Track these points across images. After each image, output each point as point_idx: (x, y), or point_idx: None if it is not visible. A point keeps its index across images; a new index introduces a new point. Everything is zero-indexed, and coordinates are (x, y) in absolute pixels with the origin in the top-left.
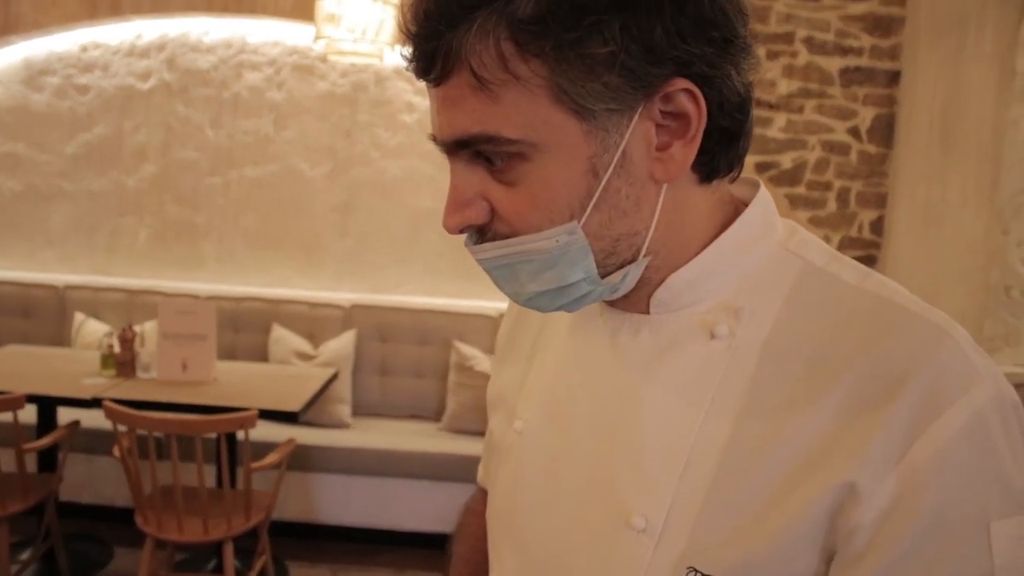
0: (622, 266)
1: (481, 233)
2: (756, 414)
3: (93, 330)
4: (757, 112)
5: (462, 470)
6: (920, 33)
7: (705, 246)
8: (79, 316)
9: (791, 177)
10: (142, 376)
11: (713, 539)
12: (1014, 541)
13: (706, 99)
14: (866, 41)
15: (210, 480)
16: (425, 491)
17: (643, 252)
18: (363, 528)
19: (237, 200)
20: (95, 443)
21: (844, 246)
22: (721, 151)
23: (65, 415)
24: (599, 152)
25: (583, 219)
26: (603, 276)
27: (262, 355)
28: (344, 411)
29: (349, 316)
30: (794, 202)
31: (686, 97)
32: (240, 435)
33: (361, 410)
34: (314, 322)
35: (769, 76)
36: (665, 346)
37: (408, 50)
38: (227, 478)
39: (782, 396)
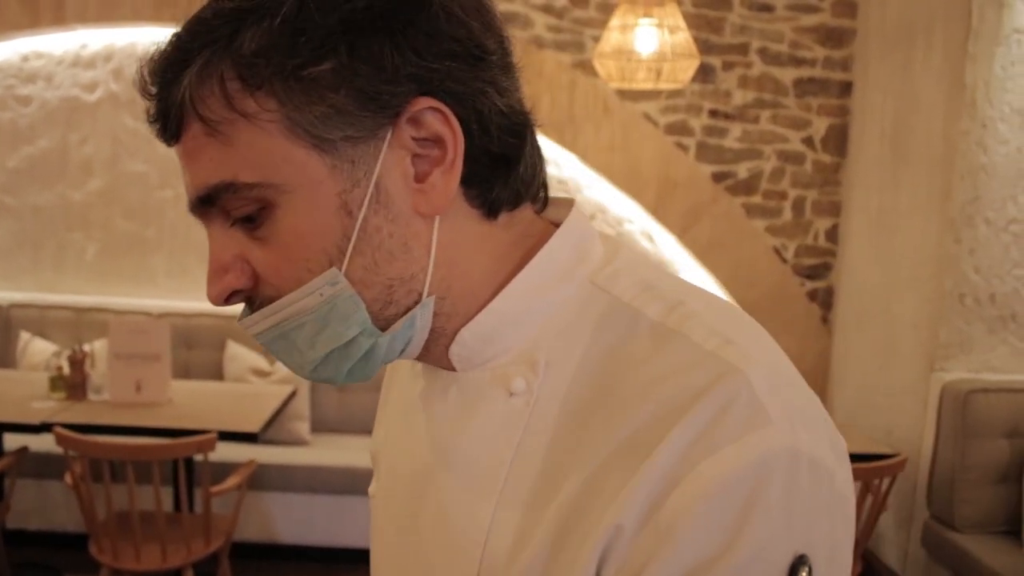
0: (405, 313)
1: (251, 303)
2: (552, 473)
3: (40, 350)
4: (713, 122)
5: None
6: (870, 45)
7: (500, 289)
8: (24, 335)
9: (747, 187)
10: (94, 398)
11: None
12: None
13: (460, 119)
14: (819, 52)
15: (167, 504)
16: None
17: (424, 295)
18: (325, 547)
19: (188, 213)
20: (44, 467)
21: (800, 254)
22: (497, 179)
23: (11, 440)
24: (348, 187)
25: (344, 265)
26: (384, 328)
27: (217, 373)
28: (303, 428)
29: None
30: (751, 211)
31: (435, 117)
32: (198, 457)
33: (320, 426)
34: None
35: (724, 87)
36: (469, 404)
37: (149, 114)
38: (186, 503)
39: (576, 451)
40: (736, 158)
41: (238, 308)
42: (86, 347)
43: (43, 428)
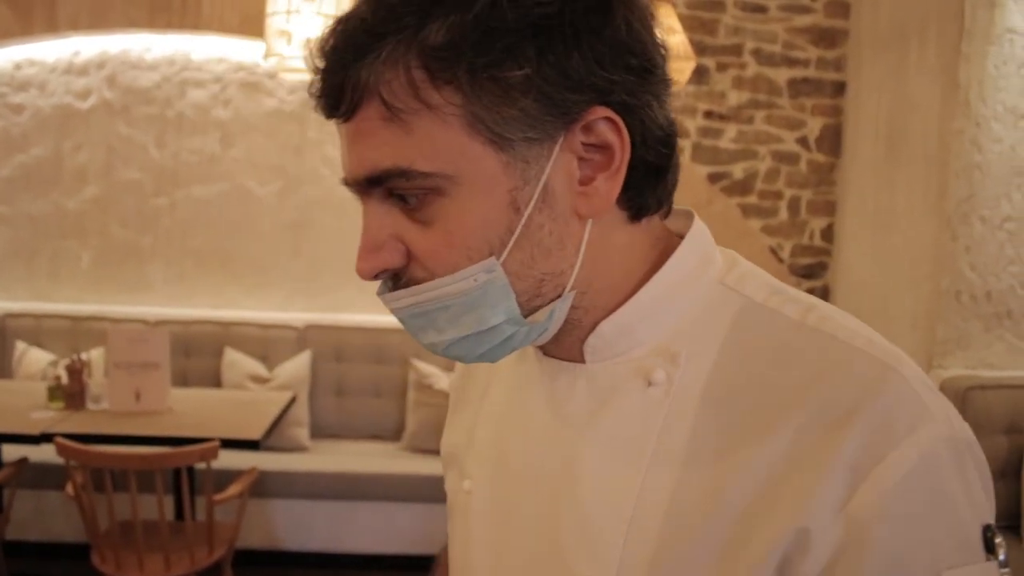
0: (548, 304)
1: (395, 279)
2: (698, 464)
3: (36, 359)
4: (708, 123)
5: (424, 490)
6: (863, 45)
7: (638, 287)
8: (20, 345)
9: (743, 187)
10: (92, 407)
11: None
12: None
13: (628, 130)
14: (812, 53)
15: (169, 513)
16: (388, 513)
17: (568, 289)
18: (327, 553)
19: (184, 221)
20: (43, 478)
21: (796, 254)
22: (648, 187)
23: (9, 450)
24: (519, 185)
25: (503, 256)
26: (527, 317)
27: (215, 380)
28: (302, 434)
29: (303, 337)
30: (746, 211)
31: (607, 127)
32: (201, 466)
33: (319, 432)
34: (268, 344)
35: (719, 88)
36: (602, 397)
37: (315, 88)
38: (189, 511)
39: (724, 443)
40: (731, 159)
41: (234, 315)
42: (84, 356)
43: (43, 439)
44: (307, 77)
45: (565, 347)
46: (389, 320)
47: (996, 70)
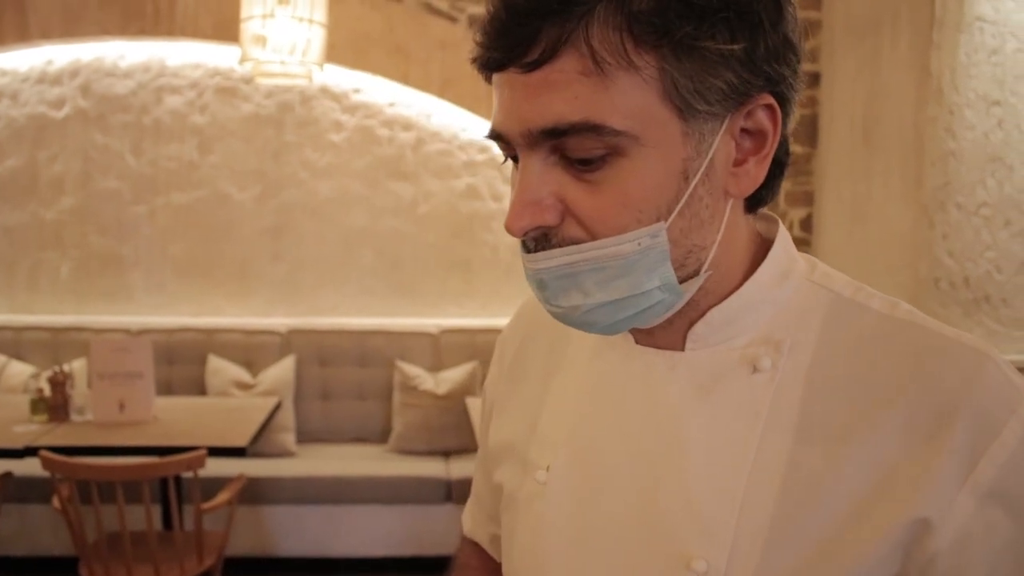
0: (687, 279)
1: (541, 240)
2: (809, 446)
3: (17, 372)
4: None
5: (412, 492)
6: (837, 36)
7: (745, 278)
8: (1, 358)
9: None
10: (76, 419)
11: None
12: None
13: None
14: None
15: (157, 523)
16: (377, 515)
17: (704, 268)
18: (316, 558)
19: (164, 228)
20: (29, 492)
21: None
22: (772, 181)
23: None
24: (692, 155)
25: (669, 221)
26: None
27: (199, 387)
28: (288, 439)
29: (287, 341)
30: None
31: (766, 114)
32: (188, 474)
33: (305, 437)
34: (251, 350)
35: None
36: (706, 382)
37: (490, 35)
38: (177, 521)
39: (834, 426)
40: None
41: (217, 321)
42: (66, 368)
43: (27, 452)
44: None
45: (664, 335)
46: (372, 322)
47: (967, 58)
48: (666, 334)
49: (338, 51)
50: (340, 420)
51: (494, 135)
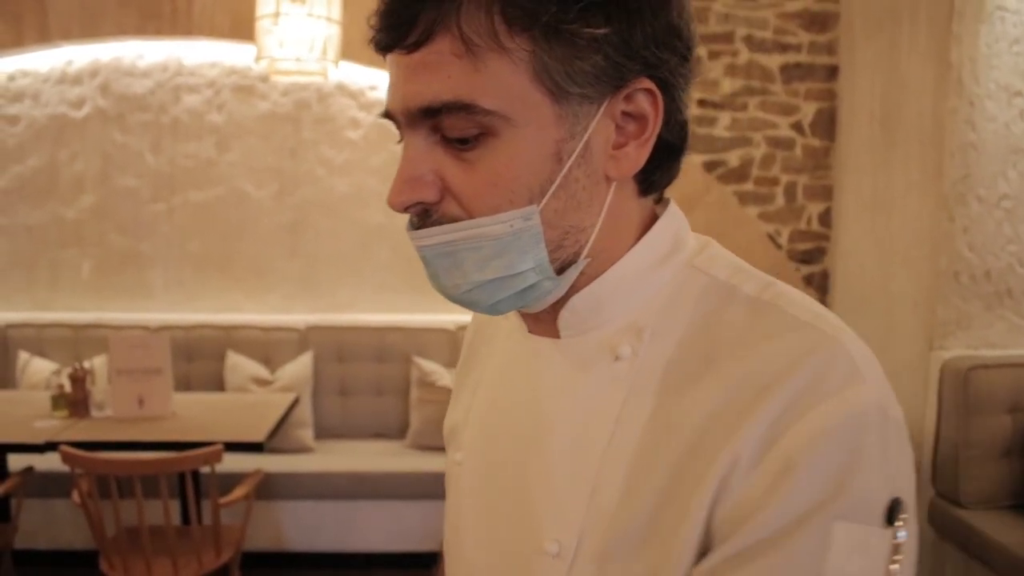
0: (565, 262)
1: (423, 216)
2: (658, 431)
3: (39, 369)
4: (702, 112)
5: (430, 487)
6: (855, 28)
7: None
8: (23, 355)
9: (739, 174)
10: (96, 415)
11: (619, 560)
12: (853, 551)
13: (663, 106)
14: (804, 37)
15: (175, 517)
16: (394, 511)
17: (584, 253)
18: (333, 553)
19: (182, 226)
20: (50, 486)
21: (794, 239)
22: (663, 165)
23: (15, 460)
24: (566, 137)
25: (542, 203)
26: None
27: (218, 383)
28: (307, 435)
29: (305, 338)
30: (743, 199)
31: (646, 98)
32: (205, 469)
33: (323, 433)
34: (269, 346)
35: (712, 76)
36: (573, 370)
37: (378, 19)
38: (195, 515)
39: (681, 408)
40: (726, 146)
41: (235, 318)
42: (86, 364)
43: (48, 447)
44: (299, 79)
45: (546, 323)
46: (390, 319)
47: (988, 48)
48: (548, 321)
49: (354, 48)
50: (358, 416)
51: (385, 113)
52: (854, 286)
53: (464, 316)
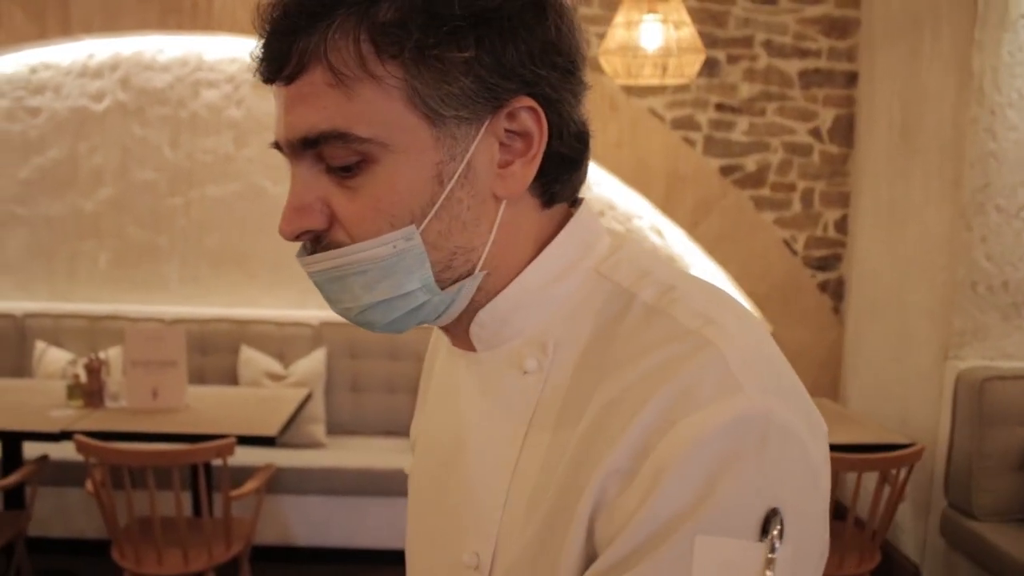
0: (458, 280)
1: (315, 243)
2: (562, 442)
3: (55, 359)
4: (720, 116)
5: None
6: (875, 35)
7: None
8: (40, 345)
9: (755, 179)
10: (111, 405)
11: (523, 572)
12: (718, 566)
13: (548, 121)
14: (823, 43)
15: (187, 509)
16: (404, 508)
17: (479, 267)
18: (342, 549)
19: (199, 220)
20: (64, 475)
21: (810, 246)
22: (562, 177)
23: (30, 448)
24: (446, 160)
25: (423, 225)
26: (441, 287)
27: (232, 377)
28: (318, 430)
29: (319, 334)
30: (759, 204)
31: (529, 116)
32: (217, 462)
33: (335, 428)
34: (283, 341)
35: (730, 80)
36: (487, 383)
37: (259, 51)
38: (206, 507)
39: (576, 415)
40: (744, 151)
41: (250, 313)
42: (102, 355)
43: (62, 436)
44: None
45: (462, 337)
46: None
47: (1011, 57)
48: (463, 336)
49: None
50: (370, 412)
51: (275, 144)
52: (869, 294)
53: None
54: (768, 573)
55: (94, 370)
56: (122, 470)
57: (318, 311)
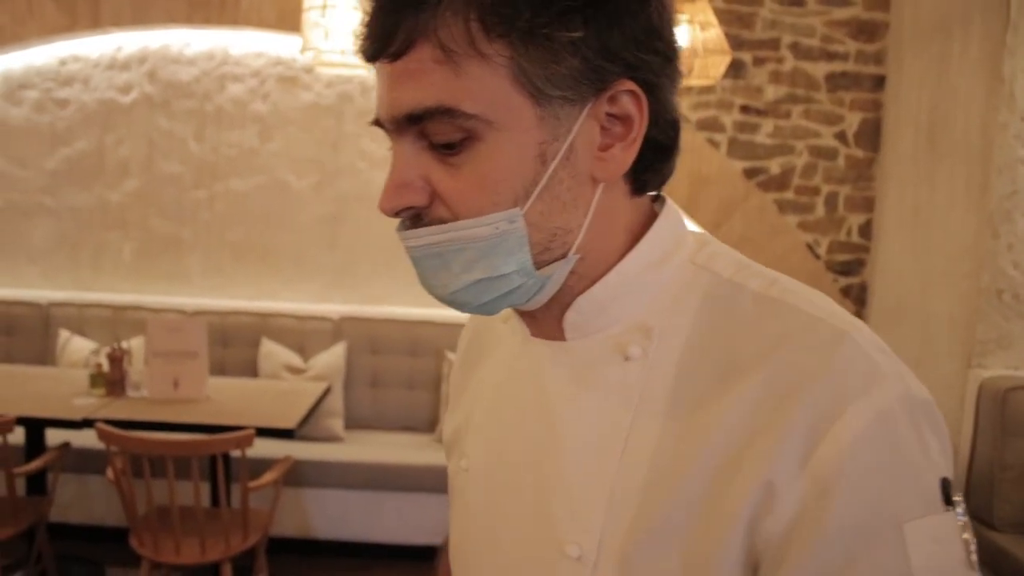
0: (552, 263)
1: (415, 220)
2: (675, 431)
3: (79, 348)
4: (744, 118)
5: None
6: (904, 38)
7: (617, 262)
8: (64, 334)
9: (779, 182)
10: (132, 395)
11: (644, 563)
12: (931, 543)
13: (647, 106)
14: (851, 46)
15: (205, 499)
16: (420, 504)
17: (572, 250)
18: (358, 542)
19: (223, 213)
20: (85, 462)
21: (833, 250)
22: (654, 165)
23: (53, 435)
24: (549, 140)
25: (526, 206)
26: (537, 269)
27: (252, 370)
28: (337, 424)
29: (339, 328)
30: (783, 207)
31: (630, 100)
32: (236, 453)
33: (353, 423)
34: (304, 335)
35: (756, 82)
36: (582, 373)
37: (363, 29)
38: (224, 498)
39: (698, 410)
40: (768, 154)
41: (271, 306)
42: (124, 345)
43: (84, 424)
44: (344, 71)
45: (548, 324)
46: (424, 313)
47: None
48: (550, 324)
49: None
50: (388, 408)
51: (375, 121)
52: (892, 300)
53: None
54: (965, 536)
55: (116, 359)
56: (142, 459)
57: (339, 305)
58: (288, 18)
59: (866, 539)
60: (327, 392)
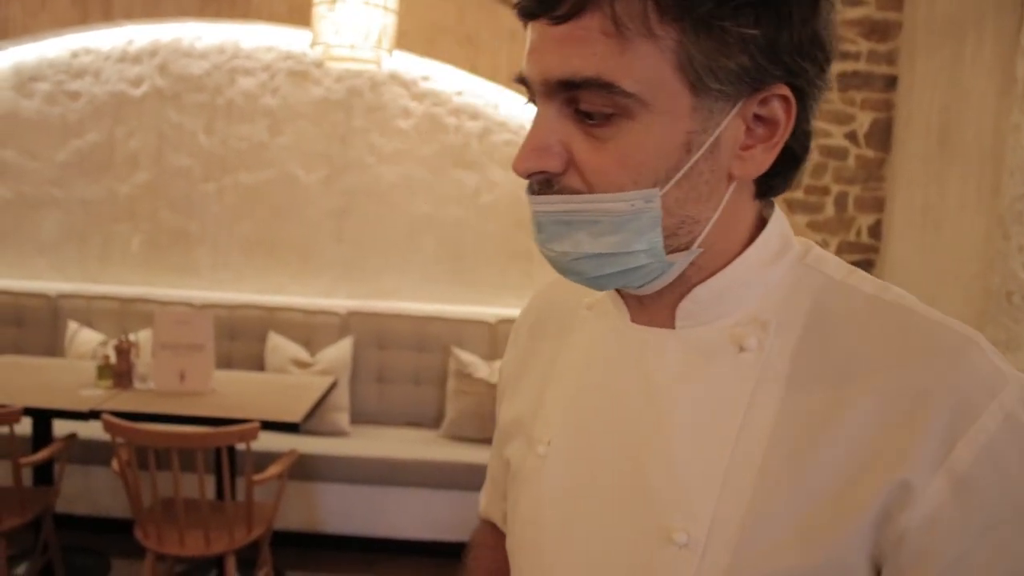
0: (677, 251)
1: (544, 185)
2: (791, 423)
3: (87, 339)
4: None
5: (462, 478)
6: (917, 38)
7: (735, 258)
8: (72, 325)
9: None
10: (139, 387)
11: (759, 551)
12: None
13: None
14: (863, 46)
15: (210, 491)
16: (425, 499)
17: (697, 243)
18: (363, 537)
19: (232, 207)
20: (91, 454)
21: (842, 250)
22: (785, 171)
23: (60, 426)
24: (698, 130)
25: (665, 189)
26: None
27: (259, 363)
28: (343, 419)
29: (346, 323)
30: (792, 207)
31: (780, 105)
32: (241, 446)
33: (359, 418)
34: (311, 329)
35: None
36: (695, 360)
37: None
38: (229, 490)
39: (816, 405)
40: None
41: (279, 300)
42: (132, 337)
43: (91, 415)
44: (353, 66)
45: (657, 311)
46: (431, 308)
47: None
48: (658, 311)
49: (409, 38)
50: (394, 403)
51: (520, 78)
52: None
53: (505, 310)
54: None
55: (124, 351)
56: (147, 451)
57: (346, 300)
58: (299, 13)
59: (1011, 530)
60: (333, 386)
